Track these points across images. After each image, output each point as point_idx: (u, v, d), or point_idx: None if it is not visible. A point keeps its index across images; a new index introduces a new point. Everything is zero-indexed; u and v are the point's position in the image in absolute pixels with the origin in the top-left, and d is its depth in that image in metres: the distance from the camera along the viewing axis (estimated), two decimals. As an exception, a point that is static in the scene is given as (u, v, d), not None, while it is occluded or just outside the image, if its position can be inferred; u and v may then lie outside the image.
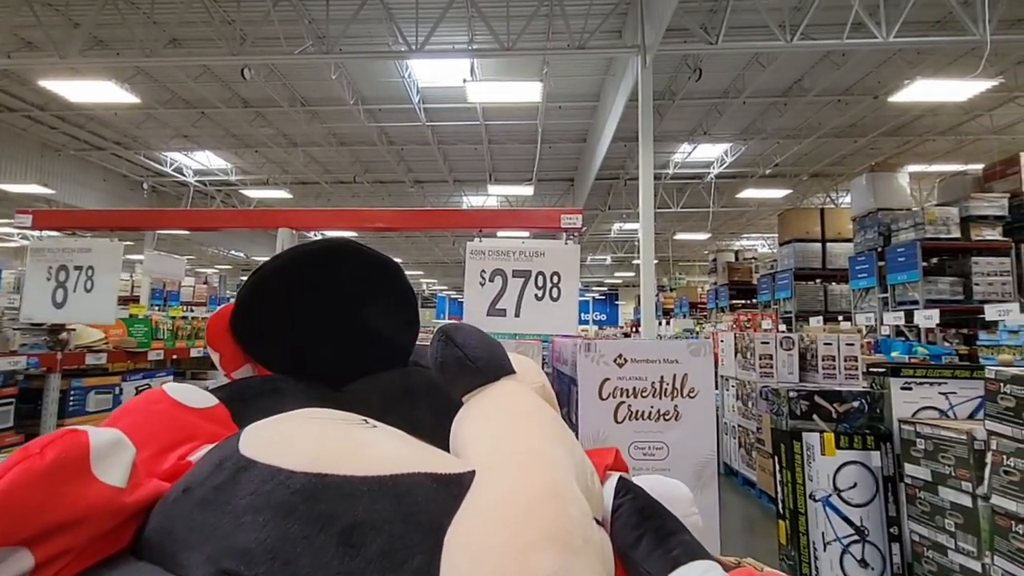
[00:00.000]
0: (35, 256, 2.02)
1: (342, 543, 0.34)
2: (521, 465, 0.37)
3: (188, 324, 4.35)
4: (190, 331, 4.32)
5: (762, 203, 14.74)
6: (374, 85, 9.11)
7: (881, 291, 7.41)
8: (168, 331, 4.06)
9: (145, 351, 3.81)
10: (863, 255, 7.74)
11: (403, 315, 0.57)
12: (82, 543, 0.34)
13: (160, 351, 3.93)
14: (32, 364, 2.94)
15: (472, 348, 0.48)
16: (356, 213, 1.81)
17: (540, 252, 1.65)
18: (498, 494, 0.35)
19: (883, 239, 7.39)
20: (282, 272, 0.53)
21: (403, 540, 0.34)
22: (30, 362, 2.92)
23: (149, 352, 3.83)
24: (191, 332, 4.34)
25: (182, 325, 4.28)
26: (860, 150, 11.78)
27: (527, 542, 0.32)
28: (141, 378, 3.87)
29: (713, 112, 9.93)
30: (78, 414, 3.31)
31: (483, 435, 0.40)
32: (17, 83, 9.01)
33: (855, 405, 2.52)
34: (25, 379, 3.42)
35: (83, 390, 3.41)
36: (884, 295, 7.36)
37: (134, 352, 3.75)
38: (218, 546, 0.35)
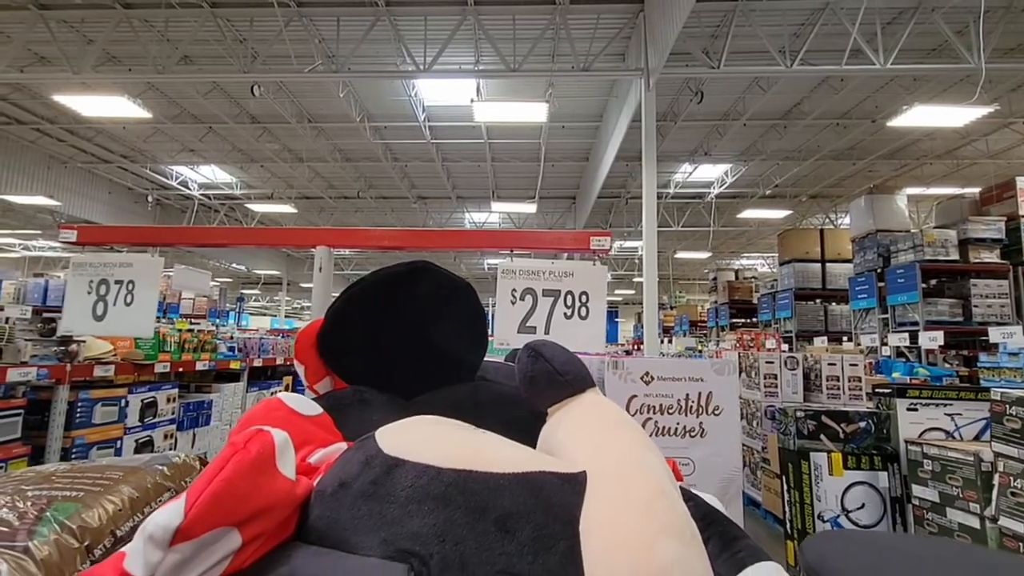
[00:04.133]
0: (76, 270, 2.05)
1: (499, 528, 0.38)
2: (631, 469, 0.42)
3: (195, 337, 4.36)
4: (196, 344, 4.33)
5: (762, 223, 14.86)
6: (380, 103, 9.26)
7: (881, 311, 7.46)
8: (175, 344, 4.07)
9: (152, 363, 3.82)
10: (863, 276, 7.80)
11: (472, 333, 0.61)
12: (270, 528, 0.39)
13: (167, 363, 3.94)
14: (42, 375, 2.96)
15: (560, 363, 0.52)
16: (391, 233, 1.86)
17: (569, 272, 1.69)
18: (618, 494, 0.40)
19: (882, 260, 7.46)
20: (365, 293, 0.56)
21: (547, 528, 0.38)
22: (40, 373, 2.93)
23: (156, 364, 3.84)
24: (197, 345, 4.35)
25: (188, 338, 4.29)
26: (859, 172, 11.94)
27: (651, 535, 0.37)
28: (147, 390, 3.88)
29: (714, 133, 10.08)
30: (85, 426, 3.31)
31: (580, 441, 0.44)
32: (28, 96, 9.14)
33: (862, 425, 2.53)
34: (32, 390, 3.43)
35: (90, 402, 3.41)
36: (884, 315, 7.40)
37: (141, 364, 3.76)
38: (391, 531, 0.39)
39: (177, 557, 0.35)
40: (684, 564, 0.37)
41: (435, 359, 0.55)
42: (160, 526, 0.35)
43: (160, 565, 0.35)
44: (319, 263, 1.63)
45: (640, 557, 0.36)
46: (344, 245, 1.75)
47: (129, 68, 7.73)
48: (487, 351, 0.61)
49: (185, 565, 0.36)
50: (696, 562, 0.38)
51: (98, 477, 0.69)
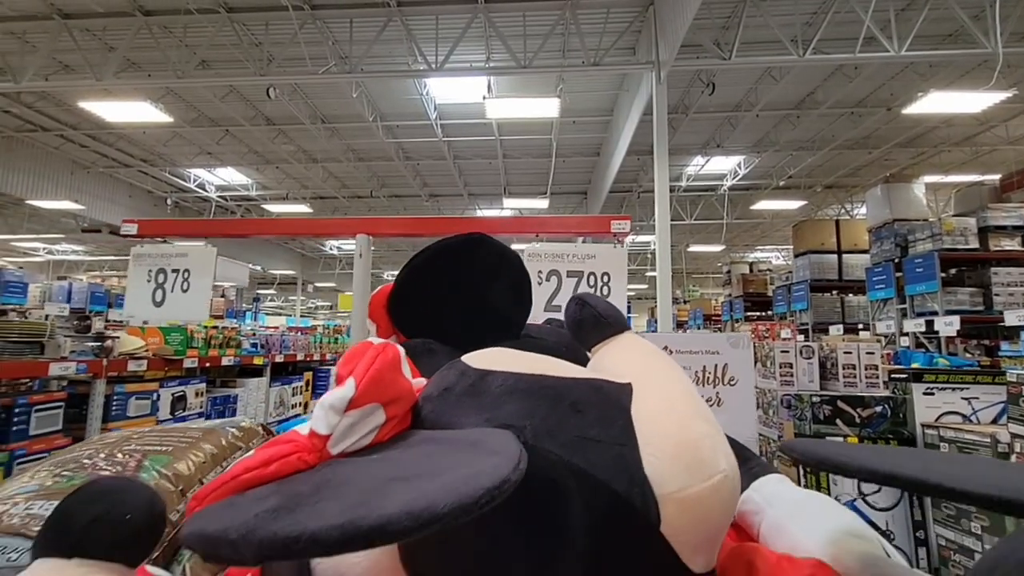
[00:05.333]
0: (137, 260, 2.17)
1: (572, 410, 0.48)
2: (667, 380, 0.52)
3: (220, 333, 4.50)
4: (222, 340, 4.47)
5: (776, 215, 14.74)
6: (393, 102, 9.36)
7: (899, 302, 7.39)
8: (202, 340, 4.21)
9: (181, 359, 3.95)
10: (880, 266, 7.72)
11: (519, 296, 0.72)
12: (400, 415, 0.50)
13: (195, 359, 4.07)
14: (81, 369, 3.09)
15: (603, 308, 0.62)
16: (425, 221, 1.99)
17: (592, 255, 1.80)
18: (658, 394, 0.50)
19: (900, 250, 7.38)
20: (428, 261, 0.67)
21: (608, 411, 0.48)
22: (79, 368, 3.07)
23: (184, 360, 3.98)
24: (223, 341, 4.49)
25: (215, 334, 4.42)
26: (874, 161, 11.79)
27: (686, 418, 0.48)
28: (177, 384, 4.02)
29: (726, 125, 10.03)
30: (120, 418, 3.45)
31: (623, 365, 0.54)
32: (52, 104, 9.39)
33: (878, 410, 2.56)
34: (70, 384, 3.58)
35: (125, 395, 3.55)
36: (903, 306, 7.33)
37: (171, 359, 3.90)
38: (490, 414, 0.49)
39: (348, 421, 0.46)
40: (713, 438, 0.46)
41: (486, 318, 0.64)
42: (338, 398, 0.46)
43: (337, 426, 0.46)
44: (359, 250, 1.73)
45: (679, 430, 0.46)
46: (382, 233, 1.84)
47: (149, 74, 7.92)
48: (530, 311, 0.71)
49: (351, 429, 0.46)
50: (722, 439, 0.47)
51: (182, 436, 0.78)
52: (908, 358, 6.44)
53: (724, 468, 0.45)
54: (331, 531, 0.33)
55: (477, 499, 0.33)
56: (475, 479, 0.35)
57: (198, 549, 0.36)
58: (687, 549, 0.45)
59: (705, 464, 0.45)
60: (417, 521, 0.32)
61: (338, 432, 0.46)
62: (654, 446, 0.45)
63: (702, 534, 0.46)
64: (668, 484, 0.44)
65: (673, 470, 0.44)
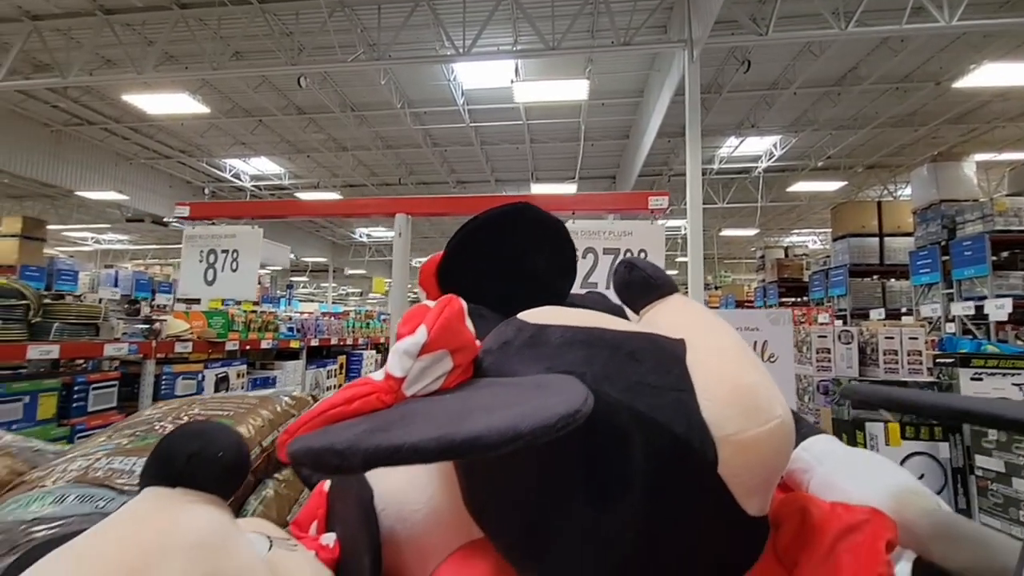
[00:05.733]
0: (189, 242, 2.29)
1: (630, 358, 0.50)
2: (719, 334, 0.54)
3: (259, 317, 4.66)
4: (261, 324, 4.63)
5: (814, 197, 14.23)
6: (421, 89, 9.39)
7: (945, 287, 7.07)
8: (242, 324, 4.36)
9: (223, 341, 4.11)
10: (925, 249, 7.39)
11: (564, 264, 0.74)
12: (464, 364, 0.53)
13: (236, 342, 4.23)
14: (132, 350, 3.26)
15: (652, 270, 0.63)
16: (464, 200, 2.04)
17: (628, 232, 1.80)
18: (713, 347, 0.51)
19: (947, 232, 7.04)
20: (476, 229, 0.69)
21: (664, 361, 0.50)
22: (131, 348, 3.23)
23: (227, 342, 4.13)
24: (261, 325, 4.65)
25: (254, 318, 4.58)
26: (921, 139, 11.23)
27: (741, 367, 0.49)
28: (220, 366, 4.18)
29: (762, 104, 9.70)
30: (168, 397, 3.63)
31: (675, 323, 0.55)
32: (97, 98, 9.77)
33: (921, 395, 2.47)
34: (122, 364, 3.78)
35: (172, 375, 3.73)
36: (949, 291, 7.01)
37: (214, 342, 4.06)
38: (549, 364, 0.51)
39: (421, 365, 0.50)
40: (767, 387, 0.48)
41: (532, 286, 0.66)
42: (412, 343, 0.50)
43: (411, 370, 0.50)
44: (398, 229, 1.78)
45: (734, 378, 0.48)
46: (420, 212, 1.88)
47: (186, 66, 8.14)
48: (574, 280, 0.72)
49: (423, 373, 0.50)
50: (776, 389, 0.49)
51: (240, 403, 0.83)
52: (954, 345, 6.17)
53: (780, 414, 0.47)
54: (429, 442, 0.36)
55: (554, 423, 0.36)
56: (550, 407, 0.37)
57: (306, 461, 0.40)
58: (742, 491, 0.46)
59: (761, 410, 0.46)
60: (503, 437, 0.35)
61: (412, 375, 0.50)
62: (711, 392, 0.47)
63: (757, 477, 0.47)
64: (725, 427, 0.45)
65: (730, 414, 0.46)
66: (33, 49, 7.69)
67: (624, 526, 0.45)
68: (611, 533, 0.46)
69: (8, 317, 2.52)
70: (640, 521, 0.45)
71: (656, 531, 0.46)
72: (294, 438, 0.43)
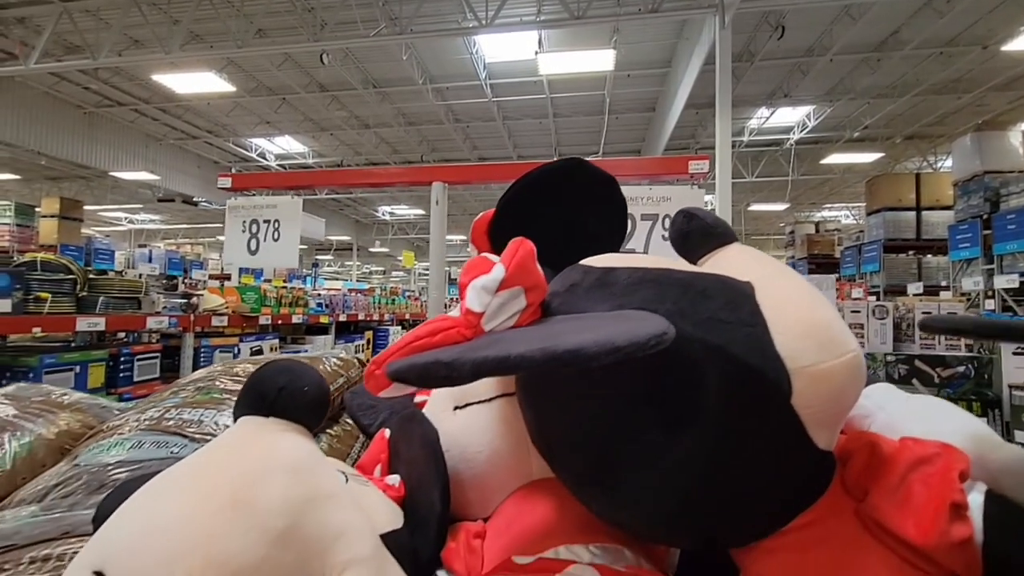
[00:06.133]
0: (232, 212, 2.36)
1: (702, 296, 0.50)
2: (787, 276, 0.54)
3: (289, 293, 4.77)
4: (292, 299, 4.74)
5: (848, 169, 13.72)
6: (442, 63, 9.28)
7: (986, 262, 6.79)
8: (274, 299, 4.48)
9: (256, 316, 4.22)
10: (965, 223, 7.08)
11: (616, 220, 0.73)
12: (535, 303, 0.54)
13: (268, 316, 4.35)
14: (172, 324, 3.38)
15: (712, 219, 0.63)
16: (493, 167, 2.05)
17: (667, 197, 1.77)
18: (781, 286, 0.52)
19: (990, 205, 6.73)
20: (529, 186, 0.69)
21: (735, 299, 0.50)
22: (171, 322, 3.35)
23: (260, 317, 4.25)
24: (292, 300, 4.76)
25: (284, 293, 4.70)
26: (964, 107, 10.65)
27: (813, 303, 0.50)
28: (254, 339, 4.31)
29: (795, 72, 9.31)
30: (207, 369, 3.77)
31: (738, 269, 0.55)
32: (126, 79, 9.94)
33: (960, 370, 2.42)
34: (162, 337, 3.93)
35: (210, 348, 3.86)
36: (989, 266, 6.74)
37: (248, 316, 4.18)
38: (620, 302, 0.52)
39: (499, 301, 0.51)
40: (839, 322, 0.49)
41: (583, 241, 0.66)
42: (490, 279, 0.51)
43: (490, 305, 0.51)
44: (435, 197, 1.80)
45: (808, 313, 0.49)
46: (457, 181, 1.89)
47: (211, 45, 8.20)
48: (624, 236, 0.72)
49: (500, 308, 0.52)
50: (846, 326, 0.49)
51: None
52: (994, 322, 5.96)
53: (854, 348, 0.48)
54: (535, 352, 0.38)
55: (646, 340, 0.37)
56: (640, 328, 0.38)
57: (412, 375, 0.42)
58: (814, 423, 0.47)
59: (836, 342, 0.47)
60: (602, 349, 0.36)
61: (490, 310, 0.51)
62: (784, 326, 0.47)
63: (829, 409, 0.48)
64: (800, 359, 0.46)
65: (805, 347, 0.46)
66: (64, 31, 7.82)
67: (696, 455, 0.47)
68: (683, 461, 0.47)
69: (57, 291, 2.64)
70: (712, 450, 0.46)
71: (727, 460, 0.47)
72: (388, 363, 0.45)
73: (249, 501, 0.43)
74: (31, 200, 11.87)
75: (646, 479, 0.49)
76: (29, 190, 15.50)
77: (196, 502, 0.43)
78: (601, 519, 0.57)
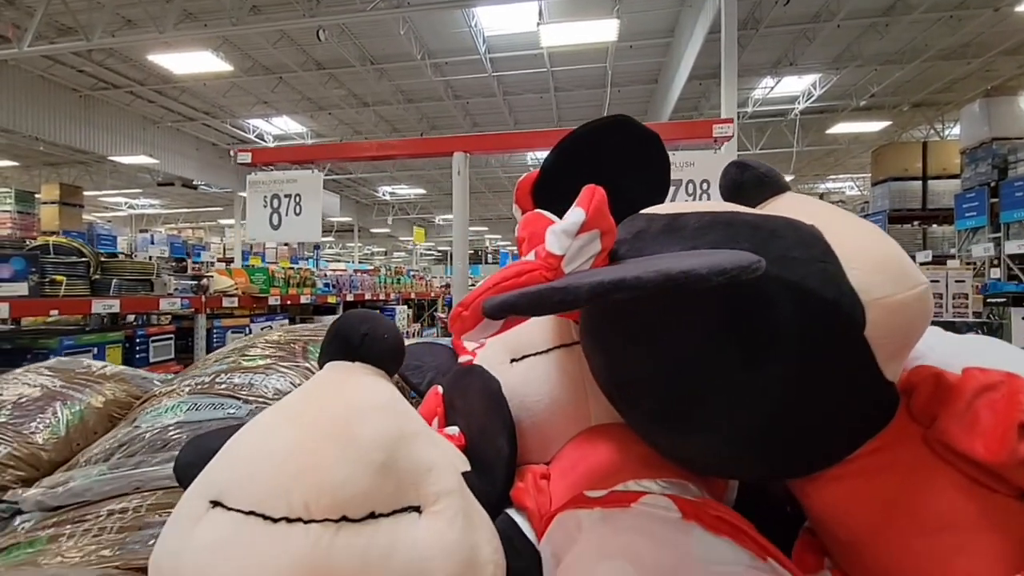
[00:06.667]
0: (253, 188, 2.36)
1: (772, 236, 0.52)
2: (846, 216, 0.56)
3: (297, 273, 4.79)
4: (299, 279, 4.76)
5: (854, 139, 13.54)
6: (441, 37, 9.10)
7: (992, 231, 6.74)
8: (282, 279, 4.50)
9: (266, 296, 4.25)
10: (972, 191, 7.00)
11: (660, 178, 0.74)
12: (607, 249, 0.55)
13: (277, 297, 4.37)
14: (184, 305, 3.41)
15: (765, 169, 0.64)
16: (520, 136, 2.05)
17: (690, 162, 1.76)
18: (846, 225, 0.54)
19: (998, 172, 6.64)
20: (573, 145, 0.70)
21: (805, 238, 0.52)
22: (183, 303, 3.38)
23: (269, 297, 4.28)
24: (300, 280, 4.78)
25: (292, 274, 4.71)
26: (973, 73, 10.45)
27: (881, 238, 0.53)
28: (264, 320, 4.34)
29: (801, 40, 9.11)
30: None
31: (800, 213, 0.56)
32: (120, 61, 9.78)
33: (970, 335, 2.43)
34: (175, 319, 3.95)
35: (222, 329, 3.89)
36: (996, 235, 6.69)
37: (257, 297, 4.21)
38: (688, 245, 0.53)
39: (578, 243, 0.52)
40: (907, 259, 0.51)
41: (626, 200, 0.66)
42: (570, 222, 0.52)
43: (570, 247, 0.52)
44: (456, 168, 1.79)
45: (878, 249, 0.51)
46: (479, 150, 1.88)
47: (205, 24, 8.04)
48: (667, 194, 0.73)
49: (579, 251, 0.53)
50: (904, 254, 0.51)
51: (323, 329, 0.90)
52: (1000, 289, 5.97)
53: (924, 280, 0.50)
54: (651, 273, 0.39)
55: (749, 263, 0.38)
56: (736, 256, 0.39)
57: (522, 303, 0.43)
58: (885, 354, 0.49)
59: (908, 275, 0.49)
60: (713, 270, 0.37)
61: (570, 253, 0.52)
62: (857, 261, 0.49)
63: (900, 340, 0.50)
64: (874, 292, 0.48)
65: (878, 280, 0.48)
66: (56, 12, 7.68)
67: (772, 386, 0.48)
68: (759, 393, 0.49)
69: (72, 274, 2.66)
70: (787, 381, 0.48)
71: (801, 391, 0.49)
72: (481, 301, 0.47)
73: (352, 436, 0.47)
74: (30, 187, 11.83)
75: (722, 410, 0.50)
76: (28, 176, 15.42)
77: (304, 437, 0.47)
78: (666, 456, 0.59)
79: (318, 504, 0.44)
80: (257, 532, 0.44)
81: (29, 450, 0.69)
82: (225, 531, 0.45)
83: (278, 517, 0.44)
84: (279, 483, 0.45)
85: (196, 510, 0.47)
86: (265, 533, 0.44)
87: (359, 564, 0.43)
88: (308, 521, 0.44)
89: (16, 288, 2.34)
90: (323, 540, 0.43)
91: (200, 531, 0.46)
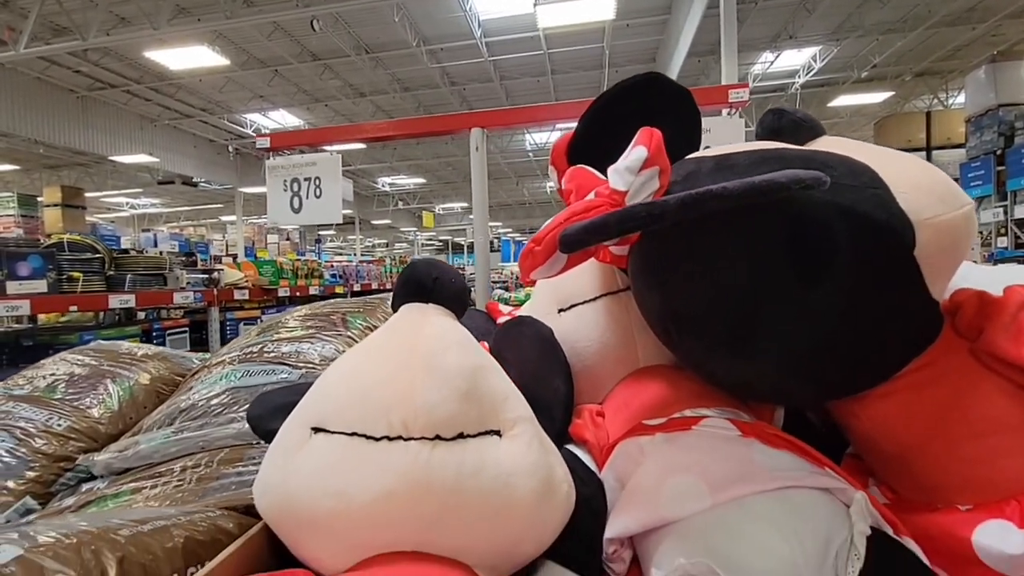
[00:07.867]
0: (272, 172, 2.38)
1: (824, 167, 0.53)
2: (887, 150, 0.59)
3: (304, 265, 4.82)
4: (307, 271, 4.80)
5: (856, 111, 13.40)
6: (435, 23, 9.01)
7: (999, 199, 6.70)
8: (290, 271, 4.53)
9: (275, 288, 4.29)
10: (978, 160, 6.95)
11: (691, 135, 0.75)
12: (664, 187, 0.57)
13: (286, 288, 4.41)
14: (197, 299, 3.44)
15: (801, 114, 0.67)
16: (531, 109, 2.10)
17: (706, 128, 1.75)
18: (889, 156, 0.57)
19: (1004, 140, 6.59)
20: (607, 104, 0.71)
21: (854, 168, 0.54)
22: (196, 297, 3.41)
23: (279, 289, 4.31)
24: (307, 272, 4.81)
25: (300, 266, 4.75)
26: (979, 39, 10.28)
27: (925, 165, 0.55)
28: (275, 311, 4.38)
29: (801, 11, 8.98)
30: (234, 342, 3.86)
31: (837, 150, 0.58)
32: (116, 59, 9.73)
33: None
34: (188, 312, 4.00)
35: (235, 321, 3.93)
36: (1003, 203, 6.65)
37: (267, 289, 4.24)
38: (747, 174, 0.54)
39: (641, 180, 0.54)
40: (950, 180, 0.53)
41: None
42: (634, 159, 0.54)
43: (633, 183, 0.54)
44: (474, 144, 1.81)
45: (924, 174, 0.53)
46: (496, 125, 1.90)
47: (199, 18, 7.99)
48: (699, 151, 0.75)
49: (641, 188, 0.55)
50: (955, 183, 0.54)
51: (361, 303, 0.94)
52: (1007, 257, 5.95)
53: (970, 201, 0.52)
54: (736, 184, 0.41)
55: (819, 176, 0.40)
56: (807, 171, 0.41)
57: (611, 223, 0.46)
58: (933, 272, 0.51)
59: (955, 195, 0.52)
60: (790, 179, 0.40)
61: (633, 189, 0.54)
62: (906, 185, 0.51)
63: (947, 259, 0.52)
64: (923, 212, 0.50)
65: (927, 202, 0.51)
66: (50, 13, 7.63)
67: (827, 305, 0.51)
68: (815, 312, 0.52)
69: (87, 270, 2.69)
70: (841, 300, 0.51)
71: (854, 309, 0.51)
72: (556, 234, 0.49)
73: (437, 366, 0.51)
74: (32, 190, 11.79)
75: (781, 332, 0.53)
76: (29, 180, 15.44)
77: (396, 367, 0.52)
78: (722, 384, 0.63)
79: (415, 423, 0.48)
80: (362, 449, 0.49)
81: (88, 423, 0.73)
82: (332, 451, 0.49)
83: (379, 436, 0.49)
84: (379, 406, 0.50)
85: (299, 438, 0.51)
86: (370, 449, 0.48)
87: (454, 477, 0.47)
88: (408, 439, 0.48)
89: (35, 285, 2.38)
90: (422, 455, 0.48)
91: (305, 454, 0.50)
